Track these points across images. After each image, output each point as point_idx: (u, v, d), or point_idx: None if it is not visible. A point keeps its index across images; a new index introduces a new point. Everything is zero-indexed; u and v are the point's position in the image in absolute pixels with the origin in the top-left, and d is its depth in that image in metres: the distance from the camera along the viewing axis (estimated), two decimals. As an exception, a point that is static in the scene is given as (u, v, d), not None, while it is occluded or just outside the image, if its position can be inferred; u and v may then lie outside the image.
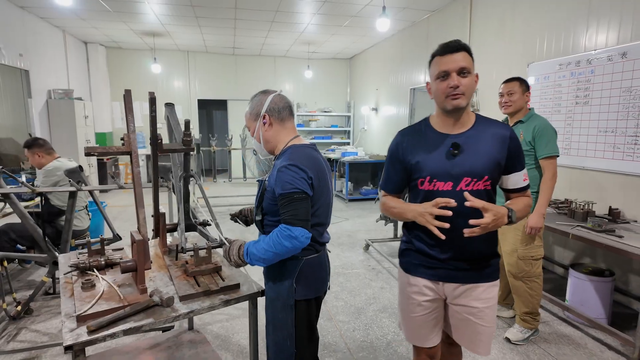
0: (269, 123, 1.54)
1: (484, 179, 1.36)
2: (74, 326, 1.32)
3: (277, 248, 1.35)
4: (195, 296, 1.52)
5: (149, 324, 1.36)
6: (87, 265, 1.72)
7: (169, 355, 2.22)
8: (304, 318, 1.53)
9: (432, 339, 1.56)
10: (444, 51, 1.36)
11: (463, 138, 1.39)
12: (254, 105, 1.58)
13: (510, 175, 1.43)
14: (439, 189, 1.38)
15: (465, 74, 1.34)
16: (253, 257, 1.42)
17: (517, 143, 1.41)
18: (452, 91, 1.33)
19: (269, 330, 1.58)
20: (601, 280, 2.76)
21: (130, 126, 1.66)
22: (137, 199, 1.58)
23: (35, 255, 2.75)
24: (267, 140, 1.56)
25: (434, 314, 1.53)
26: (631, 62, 2.96)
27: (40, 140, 3.09)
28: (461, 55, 1.34)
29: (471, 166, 1.35)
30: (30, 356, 2.39)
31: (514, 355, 2.44)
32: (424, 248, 1.46)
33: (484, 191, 1.38)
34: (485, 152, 1.36)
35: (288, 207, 1.37)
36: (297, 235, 1.34)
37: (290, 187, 1.37)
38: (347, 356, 2.42)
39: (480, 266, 1.44)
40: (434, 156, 1.39)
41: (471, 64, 1.36)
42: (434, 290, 1.49)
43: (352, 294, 3.30)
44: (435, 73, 1.37)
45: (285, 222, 1.37)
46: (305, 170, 1.41)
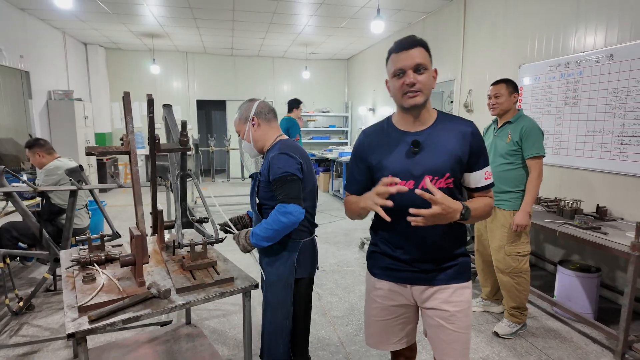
0: (257, 124, 1.77)
1: (445, 176, 1.31)
2: (76, 316, 1.39)
3: (276, 225, 1.55)
4: (191, 289, 1.60)
5: (147, 314, 1.43)
6: (88, 260, 1.79)
7: (167, 348, 2.29)
8: (302, 295, 1.75)
9: (395, 344, 1.51)
10: (399, 48, 1.31)
11: (424, 135, 1.34)
12: (243, 111, 1.80)
13: (472, 174, 1.36)
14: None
15: (421, 71, 1.28)
16: (257, 237, 1.61)
17: (479, 139, 1.35)
18: (408, 88, 1.28)
19: (267, 313, 1.74)
20: (587, 276, 2.84)
21: (129, 127, 1.74)
22: (136, 196, 1.65)
23: (37, 253, 2.82)
24: (257, 140, 1.78)
25: (401, 320, 1.48)
26: (617, 64, 3.04)
27: (41, 141, 3.17)
28: (417, 52, 1.29)
29: (432, 164, 1.31)
30: (32, 350, 2.47)
31: (502, 349, 2.51)
32: (388, 250, 1.43)
33: (447, 189, 1.33)
34: (446, 149, 1.32)
35: (282, 188, 1.58)
36: (291, 210, 1.55)
37: (281, 171, 1.59)
38: (340, 349, 2.50)
39: (446, 267, 1.38)
40: (395, 155, 1.35)
41: (428, 60, 1.31)
42: (402, 294, 1.45)
43: (346, 290, 3.38)
44: (392, 71, 1.33)
45: (280, 202, 1.57)
46: (295, 157, 1.64)
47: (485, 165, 1.38)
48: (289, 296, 1.70)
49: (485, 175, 1.38)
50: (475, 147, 1.34)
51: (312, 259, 1.79)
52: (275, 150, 1.67)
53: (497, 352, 2.48)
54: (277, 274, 1.70)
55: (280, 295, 1.70)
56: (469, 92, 4.97)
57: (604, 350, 2.50)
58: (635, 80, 2.91)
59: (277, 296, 1.71)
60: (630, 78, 2.95)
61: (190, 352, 2.25)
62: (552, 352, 2.48)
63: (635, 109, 2.93)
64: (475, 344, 2.57)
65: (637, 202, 2.97)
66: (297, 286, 1.73)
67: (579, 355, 2.44)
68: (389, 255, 1.44)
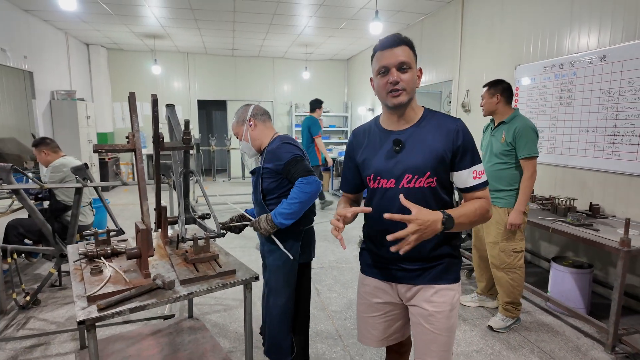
0: (254, 125, 1.93)
1: (426, 175, 1.29)
2: (86, 305, 1.46)
3: (301, 196, 1.70)
4: (195, 280, 1.67)
5: (152, 303, 1.50)
6: (95, 254, 1.87)
7: (170, 340, 2.37)
8: (304, 279, 1.92)
9: (382, 341, 1.51)
10: (383, 46, 1.30)
11: (406, 134, 1.33)
12: (240, 114, 1.96)
13: (457, 173, 1.32)
14: (383, 186, 1.35)
15: (405, 69, 1.28)
16: (281, 215, 1.73)
17: (465, 137, 1.30)
18: (392, 87, 1.27)
19: (270, 298, 1.88)
20: (580, 272, 2.91)
21: (134, 125, 1.81)
22: (141, 192, 1.73)
23: (43, 248, 2.90)
24: (254, 138, 1.93)
25: (387, 317, 1.48)
26: (609, 64, 3.11)
27: (47, 139, 3.25)
28: (401, 50, 1.28)
29: (413, 162, 1.29)
30: (40, 342, 2.54)
31: (495, 342, 2.58)
32: (374, 248, 1.45)
33: (428, 189, 1.31)
34: (428, 147, 1.29)
35: (295, 167, 1.74)
36: (312, 181, 1.71)
37: (291, 154, 1.77)
38: (338, 342, 2.57)
39: (430, 267, 1.36)
40: (379, 154, 1.36)
41: (412, 58, 1.30)
42: (387, 292, 1.45)
43: (344, 286, 3.45)
44: (376, 68, 1.33)
45: (300, 177, 1.72)
46: (297, 145, 1.83)
47: (473, 164, 1.31)
48: (292, 280, 1.86)
49: (472, 174, 1.31)
50: (460, 145, 1.29)
51: (312, 246, 1.98)
52: (277, 142, 1.85)
53: (490, 345, 2.55)
54: (282, 260, 1.85)
55: (285, 280, 1.85)
56: (467, 92, 5.04)
57: (594, 344, 2.57)
58: (627, 81, 2.98)
59: (281, 281, 1.86)
60: (622, 79, 3.02)
61: (192, 344, 2.32)
62: (544, 345, 2.55)
63: (627, 109, 3.00)
64: (470, 337, 2.64)
65: (628, 200, 3.04)
66: (300, 271, 1.91)
67: (571, 348, 2.51)
68: (375, 253, 1.45)
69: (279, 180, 1.85)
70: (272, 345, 1.92)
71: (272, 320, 1.88)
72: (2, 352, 2.44)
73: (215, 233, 1.94)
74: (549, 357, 2.42)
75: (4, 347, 2.48)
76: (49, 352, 2.45)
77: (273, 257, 1.87)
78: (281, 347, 1.89)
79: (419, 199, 1.26)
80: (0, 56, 5.22)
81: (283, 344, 1.89)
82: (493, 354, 2.45)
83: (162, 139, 1.91)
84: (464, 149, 1.30)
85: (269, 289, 1.90)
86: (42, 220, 2.79)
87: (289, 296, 1.86)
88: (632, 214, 2.98)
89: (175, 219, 2.21)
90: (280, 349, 1.90)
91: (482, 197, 1.33)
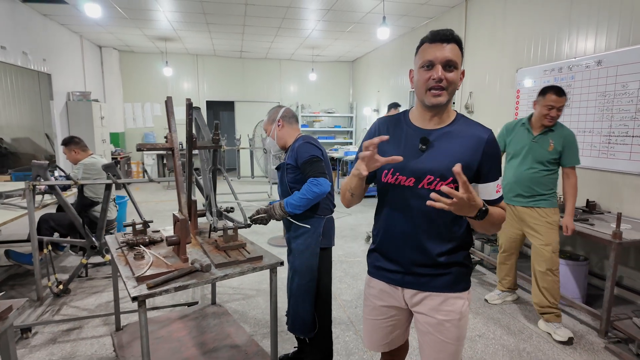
0: (282, 125, 2.17)
1: (448, 180, 1.22)
2: (136, 284, 1.67)
3: (309, 194, 1.92)
4: (228, 264, 1.87)
5: (193, 283, 1.71)
6: (135, 242, 2.08)
7: (197, 324, 2.58)
8: (325, 262, 2.13)
9: (382, 346, 1.49)
10: (433, 39, 1.23)
11: (435, 135, 1.28)
12: (271, 114, 2.20)
13: (484, 185, 1.27)
14: (401, 183, 1.29)
15: (451, 68, 1.22)
16: (292, 205, 1.97)
17: (494, 148, 1.26)
18: (434, 84, 1.21)
19: (295, 278, 2.10)
20: (577, 264, 3.10)
21: (172, 126, 2.02)
22: (179, 186, 1.93)
23: (76, 240, 3.11)
24: (280, 137, 2.18)
25: (391, 322, 1.45)
26: (605, 69, 3.30)
27: (76, 139, 3.47)
28: (450, 47, 1.21)
29: (437, 165, 1.24)
30: (74, 326, 2.75)
31: (497, 328, 2.78)
32: (383, 250, 1.41)
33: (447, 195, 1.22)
34: (455, 153, 1.24)
35: (311, 167, 1.95)
36: (321, 182, 1.92)
37: (308, 155, 1.98)
38: (350, 327, 2.77)
39: (440, 274, 1.32)
40: (402, 148, 1.29)
41: (459, 58, 1.24)
42: (393, 296, 1.41)
43: (354, 278, 3.65)
44: (420, 61, 1.25)
45: (312, 177, 1.94)
46: (317, 145, 2.06)
47: (498, 177, 1.28)
48: (315, 262, 2.07)
49: (497, 187, 1.27)
50: (489, 156, 1.25)
51: (333, 233, 2.18)
52: (300, 141, 2.07)
53: (492, 331, 2.74)
54: (305, 244, 2.07)
55: (308, 262, 2.07)
56: (470, 94, 5.23)
57: (589, 330, 2.76)
58: (621, 85, 3.17)
59: (304, 263, 2.07)
60: (616, 82, 3.21)
61: (217, 327, 2.53)
62: (541, 331, 2.74)
63: (622, 111, 3.18)
64: (473, 324, 2.84)
65: (622, 197, 3.23)
66: (322, 254, 2.10)
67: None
68: (384, 255, 1.41)
69: (300, 174, 2.06)
70: (296, 321, 2.13)
71: (296, 299, 2.09)
72: (42, 334, 2.65)
73: (242, 224, 2.15)
74: (546, 341, 2.61)
75: (42, 331, 2.69)
76: (84, 334, 2.66)
77: (297, 243, 2.09)
78: (305, 322, 2.11)
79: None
80: (22, 59, 5.44)
81: (306, 320, 2.11)
82: (494, 339, 2.65)
83: (195, 139, 2.13)
84: (492, 160, 1.26)
85: (293, 270, 2.11)
86: (74, 214, 3.01)
87: (311, 277, 2.07)
88: (626, 210, 3.16)
89: (203, 212, 2.42)
90: (304, 324, 2.11)
91: (503, 208, 1.31)
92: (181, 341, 2.36)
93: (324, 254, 2.11)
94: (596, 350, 2.52)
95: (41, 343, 2.55)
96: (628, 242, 2.54)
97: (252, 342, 2.34)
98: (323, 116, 10.36)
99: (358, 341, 2.61)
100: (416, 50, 1.30)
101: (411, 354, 2.39)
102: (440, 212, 1.13)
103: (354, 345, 2.56)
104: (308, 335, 2.15)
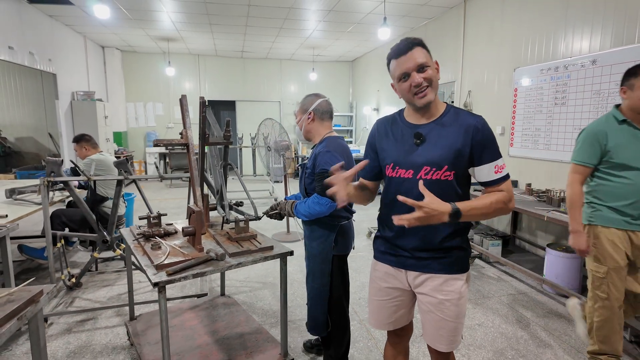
0: (312, 119, 2.07)
1: (443, 169, 1.35)
2: (155, 272, 1.77)
3: (311, 210, 1.94)
4: (241, 254, 1.97)
5: (210, 270, 1.81)
6: (151, 233, 2.18)
7: (208, 313, 2.68)
8: (339, 269, 2.09)
9: (387, 324, 1.60)
10: (398, 53, 1.36)
11: (428, 128, 1.40)
12: (306, 102, 2.09)
13: (479, 168, 1.37)
14: (401, 176, 1.42)
15: (424, 69, 1.33)
16: (298, 212, 2.00)
17: (485, 133, 1.35)
18: (417, 89, 1.34)
19: (309, 279, 2.12)
20: (572, 256, 3.21)
21: (186, 122, 2.13)
22: (194, 180, 2.04)
23: (88, 235, 3.21)
24: (307, 131, 2.11)
25: (395, 302, 1.56)
26: (600, 68, 3.41)
27: (86, 136, 3.57)
28: (416, 52, 1.33)
29: (432, 156, 1.36)
30: (88, 317, 2.85)
31: (495, 317, 2.89)
32: (387, 235, 1.53)
33: (445, 182, 1.36)
34: (447, 142, 1.35)
35: (319, 182, 1.92)
36: (323, 203, 1.91)
37: (322, 167, 1.92)
38: (354, 317, 2.88)
39: (440, 257, 1.43)
40: (400, 145, 1.44)
41: (428, 57, 1.35)
42: (397, 278, 1.52)
43: (357, 272, 3.76)
44: (396, 75, 1.38)
45: (317, 193, 1.93)
46: (337, 157, 1.94)
47: (494, 159, 1.35)
48: (327, 268, 2.05)
49: (494, 168, 1.35)
50: (479, 141, 1.34)
51: (348, 240, 2.12)
52: (323, 147, 1.98)
53: (491, 320, 2.85)
54: (318, 249, 2.06)
55: (320, 267, 2.06)
56: (469, 92, 5.34)
57: (584, 319, 2.88)
58: (615, 83, 3.28)
59: (317, 267, 2.07)
60: (610, 81, 3.32)
61: (228, 317, 2.63)
62: (539, 320, 2.86)
63: (615, 109, 3.29)
64: (472, 313, 2.95)
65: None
66: (334, 261, 2.07)
67: (562, 323, 2.82)
68: (388, 240, 1.53)
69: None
70: (310, 320, 2.19)
71: (310, 300, 2.14)
72: (57, 325, 2.75)
73: (253, 217, 2.25)
74: (543, 329, 2.73)
75: (57, 322, 2.79)
76: (98, 325, 2.76)
77: (311, 245, 2.10)
78: (317, 323, 2.14)
79: (436, 191, 1.29)
80: (29, 59, 5.53)
81: (318, 321, 2.13)
82: (493, 327, 2.76)
83: (208, 136, 2.23)
84: (484, 144, 1.35)
85: (307, 271, 2.15)
86: (87, 209, 3.10)
87: (323, 281, 2.06)
88: (619, 204, 3.27)
89: (214, 206, 2.53)
90: (316, 324, 2.15)
91: (503, 190, 1.36)
92: (194, 329, 2.46)
93: (338, 261, 2.07)
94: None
95: (57, 333, 2.65)
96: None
97: (262, 330, 2.44)
98: (323, 115, 10.44)
99: (362, 330, 2.71)
100: (387, 67, 1.45)
101: (415, 339, 2.50)
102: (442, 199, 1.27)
103: (359, 334, 2.67)
104: (320, 334, 2.19)
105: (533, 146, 4.22)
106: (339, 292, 2.12)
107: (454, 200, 1.30)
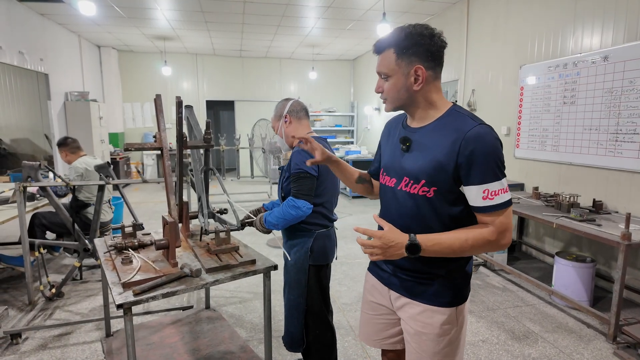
0: (289, 121, 1.97)
1: (420, 183, 1.15)
2: (122, 291, 1.59)
3: (285, 215, 1.77)
4: (219, 269, 1.79)
5: (182, 289, 1.63)
6: (123, 245, 2.00)
7: (190, 329, 2.50)
8: (316, 280, 1.93)
9: (375, 342, 1.45)
10: (375, 51, 1.22)
11: (420, 133, 1.19)
12: (278, 109, 2.01)
13: (467, 188, 1.10)
14: (386, 183, 1.30)
15: (386, 78, 1.18)
16: (269, 223, 1.84)
17: (478, 146, 1.05)
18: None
19: (286, 290, 1.96)
20: (583, 266, 3.00)
21: (161, 125, 1.94)
22: (168, 188, 1.85)
23: (68, 242, 3.04)
24: (287, 135, 1.99)
25: (382, 320, 1.41)
26: (612, 65, 3.20)
27: (68, 140, 3.40)
28: (381, 58, 1.18)
29: (412, 166, 1.17)
30: (66, 332, 2.68)
31: (500, 332, 2.69)
32: None
33: (422, 198, 1.15)
34: (430, 153, 1.13)
35: (295, 183, 1.78)
36: (299, 205, 1.75)
37: (297, 167, 1.78)
38: (349, 332, 2.69)
39: (422, 282, 1.23)
40: (391, 149, 1.30)
41: (389, 66, 1.15)
42: (381, 294, 1.38)
43: (354, 280, 3.56)
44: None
45: (292, 196, 1.77)
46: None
47: (484, 181, 1.06)
48: (303, 279, 1.90)
49: (483, 193, 1.07)
50: (467, 155, 1.06)
51: (328, 249, 1.95)
52: (297, 147, 1.85)
53: (496, 335, 2.65)
54: (294, 258, 1.92)
55: (296, 277, 1.91)
56: (472, 91, 5.13)
57: (597, 334, 2.67)
58: (629, 81, 3.07)
59: (293, 277, 1.93)
60: (624, 78, 3.11)
61: (211, 333, 2.45)
62: (547, 335, 2.65)
63: (629, 108, 3.08)
64: (476, 328, 2.75)
65: (630, 196, 3.13)
66: (311, 272, 1.91)
67: (574, 338, 2.61)
68: None
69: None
70: (286, 335, 2.02)
71: (286, 311, 1.98)
72: (32, 340, 2.58)
73: (235, 226, 2.06)
74: (552, 346, 2.52)
75: (33, 336, 2.62)
76: (75, 340, 2.58)
77: (289, 254, 1.95)
78: (293, 337, 1.98)
79: (412, 207, 1.18)
80: (19, 59, 5.38)
81: (294, 335, 1.97)
82: (499, 344, 2.56)
83: (185, 138, 2.04)
84: (472, 160, 1.06)
85: (284, 281, 1.99)
86: (67, 216, 2.93)
87: (299, 293, 1.92)
88: (634, 210, 3.06)
89: (195, 214, 2.34)
90: (292, 339, 1.98)
91: (489, 224, 1.09)
92: (173, 347, 2.28)
93: (316, 272, 1.92)
94: (605, 356, 2.43)
95: (31, 349, 2.48)
96: (637, 243, 2.44)
97: (247, 348, 2.26)
98: (324, 115, 10.27)
99: (357, 347, 2.52)
100: None
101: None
102: (415, 217, 1.18)
103: (353, 351, 2.48)
104: (295, 351, 2.02)
105: (540, 147, 4.01)
106: (319, 305, 1.96)
107: (432, 223, 1.16)
